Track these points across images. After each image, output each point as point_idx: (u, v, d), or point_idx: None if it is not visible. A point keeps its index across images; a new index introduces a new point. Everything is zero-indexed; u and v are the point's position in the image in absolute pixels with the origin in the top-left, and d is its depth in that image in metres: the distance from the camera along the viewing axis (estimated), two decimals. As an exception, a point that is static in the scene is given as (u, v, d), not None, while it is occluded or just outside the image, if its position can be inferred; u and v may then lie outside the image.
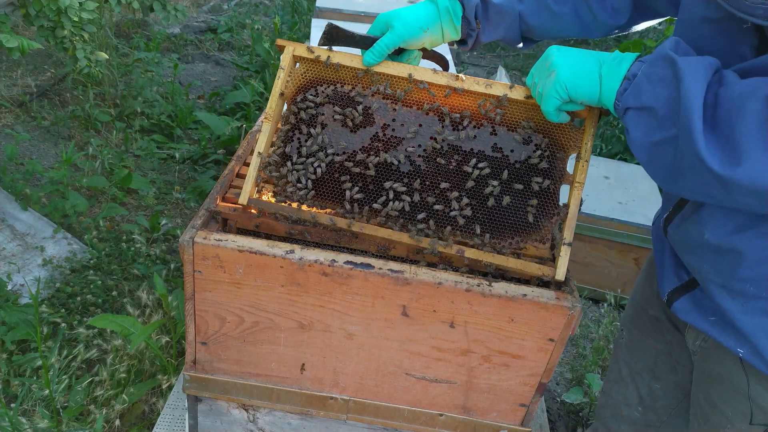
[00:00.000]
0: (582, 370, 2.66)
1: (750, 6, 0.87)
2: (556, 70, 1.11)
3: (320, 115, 1.34)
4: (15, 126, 3.81)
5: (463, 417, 1.40)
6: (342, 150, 1.33)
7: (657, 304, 1.41)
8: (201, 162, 3.80)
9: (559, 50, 1.14)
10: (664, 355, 1.42)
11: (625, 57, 1.07)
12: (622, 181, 3.17)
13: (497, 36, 1.35)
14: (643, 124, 1.00)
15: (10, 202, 3.01)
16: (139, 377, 2.25)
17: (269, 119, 1.33)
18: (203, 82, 4.86)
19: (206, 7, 6.41)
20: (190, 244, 1.18)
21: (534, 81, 1.20)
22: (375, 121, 1.33)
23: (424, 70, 1.32)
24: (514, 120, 1.31)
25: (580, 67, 1.10)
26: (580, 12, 1.31)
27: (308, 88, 1.36)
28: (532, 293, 1.21)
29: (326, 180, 1.32)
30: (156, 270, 2.80)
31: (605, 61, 1.08)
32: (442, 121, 1.33)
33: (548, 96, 1.13)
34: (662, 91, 0.97)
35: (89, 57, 3.33)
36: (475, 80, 1.31)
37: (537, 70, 1.19)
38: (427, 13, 1.30)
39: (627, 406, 1.53)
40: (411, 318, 1.25)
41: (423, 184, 1.31)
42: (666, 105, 0.96)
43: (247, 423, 1.47)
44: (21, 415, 2.03)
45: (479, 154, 1.31)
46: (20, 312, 2.37)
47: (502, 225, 1.29)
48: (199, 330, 1.31)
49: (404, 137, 1.33)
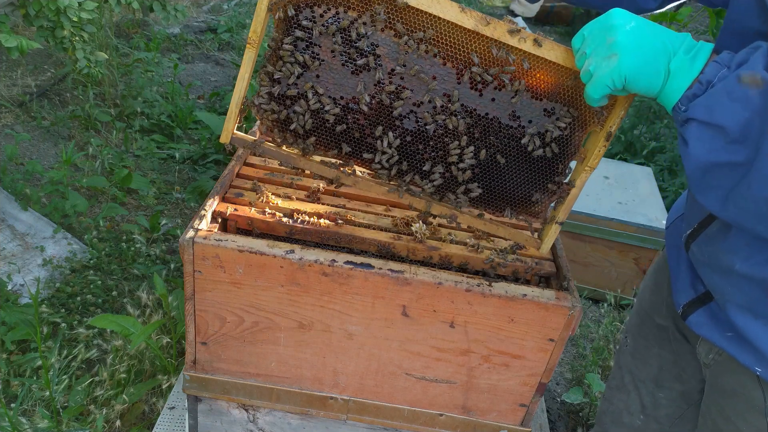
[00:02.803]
0: (582, 370, 2.66)
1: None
2: (619, 55, 0.94)
3: (316, 46, 1.13)
4: (15, 126, 3.81)
5: (463, 417, 1.40)
6: (340, 95, 1.16)
7: (665, 312, 1.37)
8: (201, 162, 3.80)
9: (626, 24, 0.96)
10: (669, 364, 1.39)
11: (699, 51, 0.93)
12: (622, 181, 3.17)
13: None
14: (707, 141, 0.89)
15: (10, 202, 3.01)
16: (139, 377, 2.25)
17: (253, 45, 1.13)
18: (203, 82, 4.86)
19: (206, 7, 6.41)
20: (190, 244, 1.18)
21: (585, 51, 1.01)
22: (381, 64, 1.13)
23: (449, 4, 1.07)
24: (541, 86, 1.14)
25: (648, 55, 0.94)
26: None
27: (302, 8, 1.11)
28: (532, 293, 1.21)
29: (327, 129, 1.19)
30: (156, 270, 2.80)
31: (676, 50, 0.93)
32: (460, 78, 1.14)
33: (600, 82, 0.98)
34: (742, 112, 0.85)
35: (89, 57, 3.33)
36: (508, 27, 1.08)
37: (592, 38, 1.00)
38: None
39: (629, 413, 1.50)
40: (411, 318, 1.25)
41: (426, 144, 1.18)
42: (742, 128, 0.85)
43: (247, 423, 1.47)
44: (21, 415, 2.03)
45: (493, 122, 1.17)
46: (20, 312, 2.37)
47: (499, 194, 1.22)
48: (199, 330, 1.31)
49: (413, 90, 1.14)
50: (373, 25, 1.11)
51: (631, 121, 4.37)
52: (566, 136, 1.18)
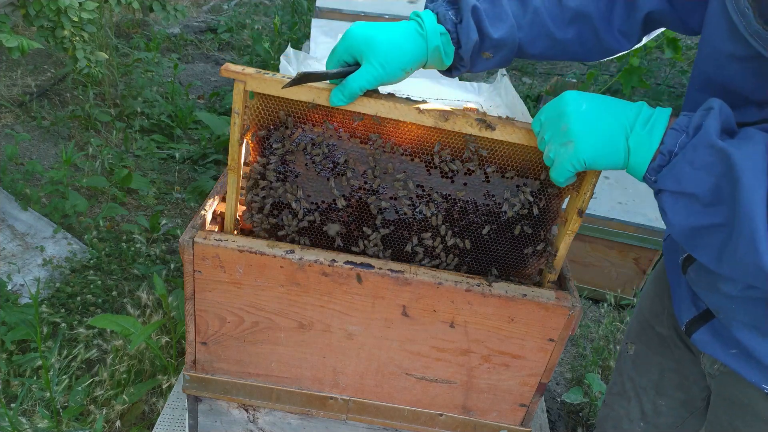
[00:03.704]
0: (582, 370, 2.66)
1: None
2: (575, 142, 0.95)
3: (290, 163, 1.20)
4: (15, 126, 3.81)
5: (463, 417, 1.40)
6: (320, 199, 1.21)
7: (666, 322, 1.36)
8: (201, 162, 3.80)
9: (578, 107, 0.96)
10: (671, 372, 1.37)
11: (655, 122, 0.92)
12: (622, 181, 3.17)
13: (489, 66, 1.17)
14: (684, 208, 0.88)
15: (10, 202, 3.01)
16: (139, 377, 2.25)
17: (233, 170, 1.18)
18: (203, 82, 4.86)
19: (206, 7, 6.41)
20: (190, 244, 1.18)
21: (543, 137, 1.03)
22: (354, 169, 1.19)
23: (407, 108, 1.11)
24: (510, 165, 1.19)
25: (604, 137, 0.94)
26: (583, 38, 1.15)
27: (270, 130, 1.17)
28: (532, 293, 1.21)
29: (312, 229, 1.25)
30: (156, 270, 2.80)
31: (633, 126, 0.93)
32: (430, 169, 1.19)
33: (561, 168, 0.98)
34: (707, 178, 0.84)
35: (89, 57, 3.33)
36: (466, 119, 1.12)
37: (548, 124, 1.01)
38: (413, 50, 1.07)
39: (629, 420, 1.49)
40: (411, 318, 1.25)
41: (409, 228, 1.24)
42: (713, 193, 0.84)
43: (247, 423, 1.47)
44: (21, 415, 2.03)
45: (469, 204, 1.22)
46: (20, 312, 2.37)
47: (485, 262, 1.27)
48: (199, 330, 1.31)
49: (387, 186, 1.20)
50: (339, 137, 1.16)
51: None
52: (543, 206, 1.22)
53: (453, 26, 1.09)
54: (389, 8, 3.70)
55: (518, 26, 1.12)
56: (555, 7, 1.12)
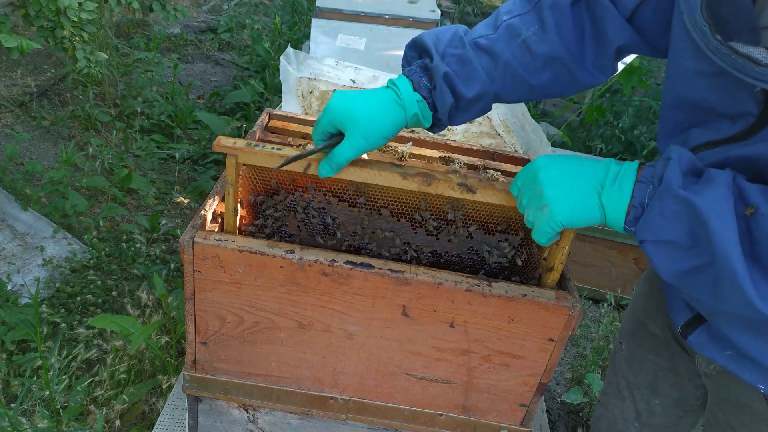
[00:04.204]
0: (582, 370, 2.66)
1: (762, 72, 0.78)
2: (550, 206, 0.98)
3: (284, 225, 1.27)
4: (15, 126, 3.81)
5: (463, 417, 1.40)
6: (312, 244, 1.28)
7: (659, 321, 1.36)
8: (201, 162, 3.80)
9: (550, 171, 0.99)
10: (665, 371, 1.38)
11: (624, 177, 0.94)
12: (622, 181, 3.17)
13: (469, 119, 1.20)
14: (667, 255, 0.90)
15: (10, 202, 3.01)
16: (139, 377, 2.25)
17: (230, 231, 1.25)
18: (203, 82, 4.86)
19: (206, 7, 6.41)
20: (190, 244, 1.18)
21: (522, 202, 1.06)
22: (344, 230, 1.26)
23: (391, 175, 1.16)
24: (492, 222, 1.24)
25: (577, 198, 0.97)
26: (559, 78, 1.16)
27: (262, 197, 1.25)
28: (532, 293, 1.21)
29: None
30: (156, 270, 2.80)
31: (604, 183, 0.96)
32: (415, 228, 1.25)
33: (541, 230, 1.02)
34: (680, 225, 0.87)
35: (89, 57, 3.33)
36: (448, 183, 1.16)
37: (525, 189, 1.05)
38: (392, 120, 1.11)
39: (623, 420, 1.49)
40: (411, 318, 1.25)
41: None
42: (690, 237, 0.86)
43: (247, 423, 1.47)
44: (21, 415, 2.03)
45: (455, 257, 1.27)
46: (20, 312, 2.37)
47: None
48: (199, 330, 1.31)
49: (376, 243, 1.26)
50: (328, 203, 1.24)
51: (631, 120, 4.37)
52: (525, 258, 1.27)
53: (428, 93, 1.13)
54: (389, 8, 3.70)
55: (491, 80, 1.14)
56: (525, 57, 1.14)
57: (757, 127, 0.89)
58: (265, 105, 4.16)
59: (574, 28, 1.12)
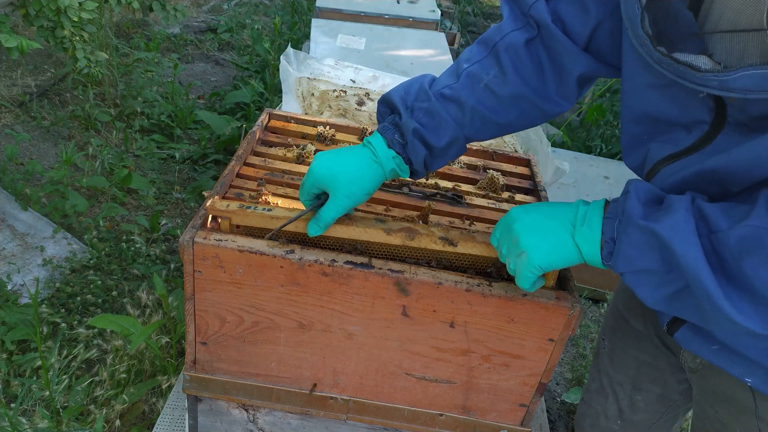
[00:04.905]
0: (582, 370, 2.66)
1: (702, 78, 0.80)
2: (527, 252, 1.02)
3: None
4: (15, 126, 3.81)
5: (463, 417, 1.40)
6: None
7: (641, 316, 1.37)
8: (201, 162, 3.80)
9: (523, 225, 1.04)
10: (646, 366, 1.39)
11: (591, 216, 0.98)
12: (622, 181, 3.16)
13: (446, 162, 1.25)
14: (646, 283, 0.93)
15: (10, 202, 3.01)
16: (139, 377, 2.25)
17: None
18: (203, 82, 4.86)
19: (206, 7, 6.41)
20: (190, 244, 1.18)
21: (502, 251, 1.11)
22: None
23: (375, 231, 1.22)
24: (478, 264, 1.27)
25: (551, 242, 1.01)
26: (526, 113, 1.20)
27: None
28: (532, 293, 1.21)
29: None
30: (156, 270, 2.80)
31: (575, 224, 1.00)
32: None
33: (523, 277, 1.05)
34: (652, 253, 0.90)
35: (89, 57, 3.33)
36: (430, 237, 1.21)
37: (503, 238, 1.10)
38: (372, 177, 1.18)
39: (606, 417, 1.50)
40: (411, 318, 1.25)
41: None
42: (663, 264, 0.89)
43: (247, 423, 1.47)
44: (21, 415, 2.03)
45: None
46: (20, 312, 2.37)
47: None
48: (199, 330, 1.31)
49: None
50: None
51: (631, 121, 4.36)
52: None
53: (401, 148, 1.18)
54: (389, 8, 3.70)
55: (461, 126, 1.18)
56: (490, 99, 1.17)
57: (712, 135, 0.92)
58: (265, 105, 4.16)
59: (533, 65, 1.15)
